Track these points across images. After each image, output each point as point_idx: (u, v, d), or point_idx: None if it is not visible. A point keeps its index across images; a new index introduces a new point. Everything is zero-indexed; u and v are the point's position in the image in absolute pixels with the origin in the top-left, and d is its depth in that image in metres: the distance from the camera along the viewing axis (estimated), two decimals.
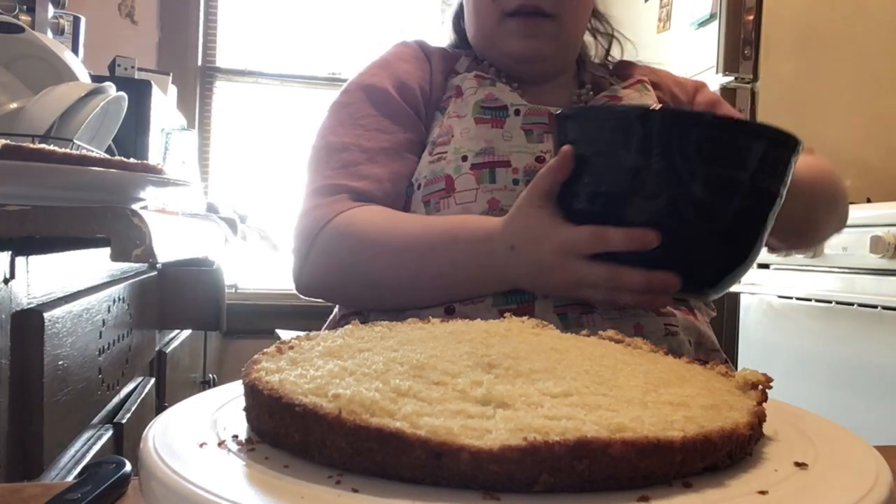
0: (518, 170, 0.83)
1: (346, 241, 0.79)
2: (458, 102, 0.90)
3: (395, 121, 0.89)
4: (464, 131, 0.86)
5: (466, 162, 0.83)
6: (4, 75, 1.09)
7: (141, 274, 1.11)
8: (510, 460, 0.26)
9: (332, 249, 0.80)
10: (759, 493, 0.27)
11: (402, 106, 0.90)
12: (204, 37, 2.84)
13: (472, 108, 0.87)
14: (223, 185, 2.86)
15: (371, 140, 0.87)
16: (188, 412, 0.35)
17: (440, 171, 0.84)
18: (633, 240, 0.61)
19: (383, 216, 0.80)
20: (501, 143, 0.84)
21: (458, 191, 0.82)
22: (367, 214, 0.80)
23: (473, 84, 0.90)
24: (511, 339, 0.41)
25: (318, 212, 0.81)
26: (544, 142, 0.85)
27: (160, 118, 1.74)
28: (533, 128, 0.87)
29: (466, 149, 0.84)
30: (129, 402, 1.07)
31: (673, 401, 0.32)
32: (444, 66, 0.96)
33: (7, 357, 0.62)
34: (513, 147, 0.84)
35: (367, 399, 0.29)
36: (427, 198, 0.84)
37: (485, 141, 0.84)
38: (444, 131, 0.87)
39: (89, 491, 0.39)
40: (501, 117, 0.87)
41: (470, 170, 0.83)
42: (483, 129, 0.85)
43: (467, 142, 0.84)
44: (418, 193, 0.85)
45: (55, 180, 0.65)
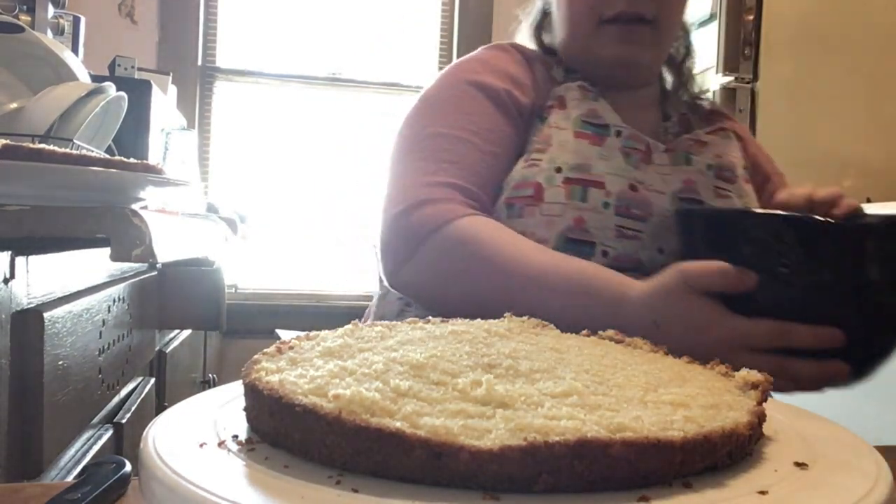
0: (611, 193, 0.81)
1: (466, 253, 0.74)
2: (560, 114, 0.88)
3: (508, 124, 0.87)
4: (562, 143, 0.84)
5: (560, 174, 0.81)
6: (4, 75, 1.09)
7: (141, 274, 1.11)
8: (510, 460, 0.26)
9: (448, 257, 0.75)
10: (759, 493, 0.27)
11: (514, 109, 0.88)
12: (204, 37, 2.84)
13: (574, 121, 0.86)
14: (223, 185, 2.86)
15: (487, 141, 0.84)
16: (188, 412, 0.35)
17: (531, 177, 0.82)
18: (821, 340, 0.59)
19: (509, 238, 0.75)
20: (598, 162, 0.82)
21: (546, 202, 0.80)
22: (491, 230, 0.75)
23: (577, 96, 0.89)
24: (511, 339, 0.41)
25: (432, 208, 0.77)
26: (640, 169, 0.84)
27: (160, 118, 1.74)
28: (631, 152, 0.85)
29: (562, 161, 0.82)
30: (129, 402, 1.07)
31: (673, 401, 0.32)
32: (545, 74, 0.94)
33: (7, 357, 0.62)
34: (609, 168, 0.82)
35: (367, 399, 0.29)
36: (512, 201, 0.82)
37: (582, 157, 0.82)
38: (543, 140, 0.85)
39: (89, 491, 0.39)
40: (602, 135, 0.85)
41: (562, 183, 0.81)
42: (582, 144, 0.84)
43: (564, 154, 0.83)
44: (504, 194, 0.83)
45: (55, 180, 0.65)
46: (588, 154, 0.83)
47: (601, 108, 0.87)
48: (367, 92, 2.96)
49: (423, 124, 0.86)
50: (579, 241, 0.79)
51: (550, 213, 0.79)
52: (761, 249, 0.62)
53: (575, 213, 0.79)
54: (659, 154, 0.88)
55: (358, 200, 2.89)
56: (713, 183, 0.87)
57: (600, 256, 0.79)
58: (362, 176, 2.90)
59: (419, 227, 0.76)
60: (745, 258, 0.61)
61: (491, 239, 0.74)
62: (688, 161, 0.88)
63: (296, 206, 2.91)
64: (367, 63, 2.94)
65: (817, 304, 0.60)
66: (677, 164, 0.88)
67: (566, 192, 0.80)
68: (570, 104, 0.88)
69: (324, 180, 2.92)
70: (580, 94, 0.89)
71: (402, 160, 0.84)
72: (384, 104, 2.97)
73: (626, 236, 0.81)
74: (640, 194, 0.82)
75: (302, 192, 2.91)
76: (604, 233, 0.80)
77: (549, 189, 0.80)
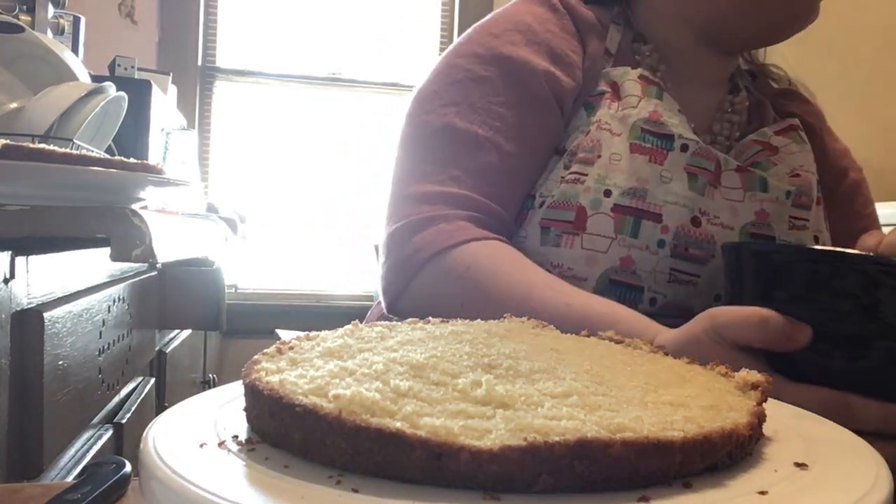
0: (668, 228, 0.67)
1: (466, 288, 0.63)
2: (613, 108, 0.72)
3: (540, 119, 0.71)
4: (614, 157, 0.69)
5: (609, 198, 0.67)
6: (4, 75, 1.09)
7: (141, 274, 1.11)
8: (510, 460, 0.26)
9: (445, 289, 0.65)
10: (759, 493, 0.27)
11: (550, 98, 0.72)
12: (204, 37, 2.84)
13: (631, 128, 0.70)
14: (223, 185, 2.86)
15: (512, 142, 0.70)
16: (188, 412, 0.35)
17: (573, 198, 0.68)
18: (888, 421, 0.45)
19: (517, 272, 0.63)
20: (657, 187, 0.68)
21: (589, 232, 0.67)
22: (497, 262, 0.63)
23: (636, 89, 0.72)
24: (511, 340, 0.41)
25: (433, 231, 0.66)
26: (706, 195, 0.70)
27: (160, 118, 1.74)
28: (699, 173, 0.70)
29: (613, 181, 0.68)
30: (129, 402, 1.07)
31: (673, 401, 0.32)
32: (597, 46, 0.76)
33: (7, 357, 0.62)
34: (669, 195, 0.68)
35: (368, 399, 0.29)
36: (548, 223, 0.68)
37: (638, 178, 0.68)
38: (590, 145, 0.70)
39: (89, 491, 0.39)
40: (664, 149, 0.69)
41: (611, 210, 0.67)
42: (639, 161, 0.69)
43: (616, 173, 0.68)
44: (539, 212, 0.69)
45: (55, 180, 0.65)
46: (646, 175, 0.68)
47: (665, 107, 0.72)
48: (367, 92, 2.96)
49: (436, 111, 0.71)
50: (625, 285, 0.67)
51: (593, 248, 0.67)
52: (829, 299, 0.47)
53: (623, 252, 0.66)
54: (729, 175, 0.73)
55: (358, 200, 2.89)
56: (789, 213, 0.73)
57: (647, 305, 0.67)
58: (362, 176, 2.90)
59: (416, 252, 0.66)
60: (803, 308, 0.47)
61: (495, 274, 0.63)
62: (764, 187, 0.73)
63: (296, 206, 2.91)
64: (367, 63, 2.95)
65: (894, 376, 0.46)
66: (752, 188, 0.73)
67: (615, 223, 0.67)
68: (626, 100, 0.72)
69: (324, 180, 2.92)
70: (641, 85, 0.73)
71: (407, 158, 0.72)
72: (384, 104, 2.97)
73: (681, 281, 0.68)
74: (703, 230, 0.69)
75: (302, 192, 2.91)
76: (654, 276, 0.67)
77: (593, 216, 0.67)
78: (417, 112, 0.73)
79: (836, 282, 0.47)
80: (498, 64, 0.71)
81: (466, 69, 0.72)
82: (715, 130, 0.80)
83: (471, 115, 0.70)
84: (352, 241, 2.88)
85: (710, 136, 0.80)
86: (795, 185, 0.75)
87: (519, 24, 0.74)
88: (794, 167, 0.76)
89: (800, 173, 0.76)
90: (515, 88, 0.71)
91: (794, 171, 0.76)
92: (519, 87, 0.71)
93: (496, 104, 0.70)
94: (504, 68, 0.71)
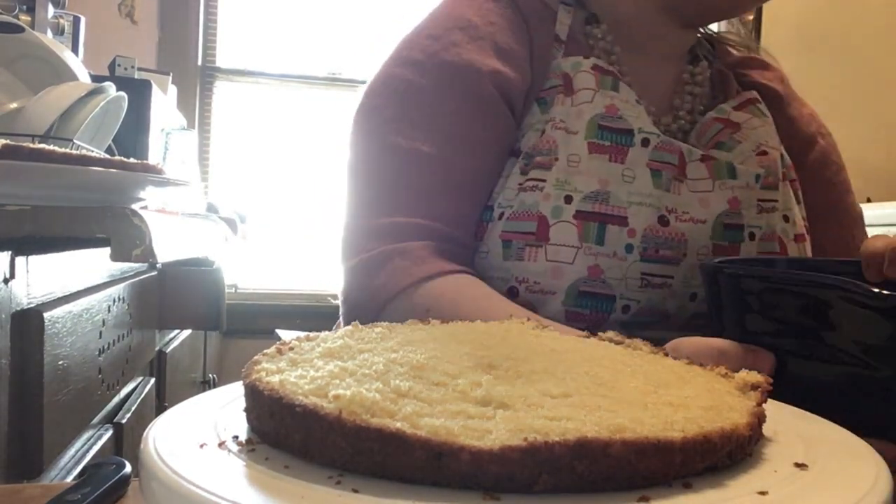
0: (635, 231, 0.65)
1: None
2: (566, 105, 0.68)
3: (489, 126, 0.68)
4: (572, 159, 0.66)
5: (570, 205, 0.64)
6: (4, 75, 1.09)
7: (141, 274, 1.11)
8: (510, 460, 0.26)
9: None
10: (759, 493, 0.27)
11: (499, 100, 0.68)
12: (204, 37, 2.84)
13: (588, 125, 0.66)
14: (223, 185, 2.86)
15: (460, 155, 0.66)
16: (189, 413, 0.35)
17: (533, 207, 0.65)
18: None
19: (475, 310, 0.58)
20: (619, 187, 0.65)
21: (552, 242, 0.64)
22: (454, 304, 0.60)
23: (591, 81, 0.68)
24: (511, 341, 0.41)
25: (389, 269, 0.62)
26: (672, 190, 0.67)
27: (160, 118, 1.74)
28: (662, 168, 0.67)
29: (573, 186, 0.65)
30: (129, 402, 1.07)
31: (673, 402, 0.32)
32: (546, 34, 0.72)
33: (7, 357, 0.62)
34: (633, 195, 0.65)
35: (368, 400, 0.29)
36: (509, 237, 0.65)
37: (598, 180, 0.65)
38: (546, 147, 0.67)
39: (89, 492, 0.39)
40: (624, 146, 0.66)
41: (573, 218, 0.64)
42: (598, 161, 0.66)
43: (575, 176, 0.65)
44: (498, 224, 0.66)
45: (55, 180, 0.65)
46: (607, 175, 0.65)
47: (621, 99, 0.68)
48: None
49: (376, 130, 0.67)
50: (595, 295, 0.64)
51: (558, 259, 0.63)
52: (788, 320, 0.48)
53: (590, 261, 0.64)
54: (695, 165, 0.69)
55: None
56: (757, 196, 0.71)
57: (620, 313, 0.65)
58: None
59: (373, 297, 0.63)
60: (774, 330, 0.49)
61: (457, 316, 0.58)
62: (732, 173, 0.70)
63: (296, 206, 2.91)
64: (367, 63, 2.95)
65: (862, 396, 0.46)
66: (720, 176, 0.70)
67: (579, 231, 0.64)
68: (580, 94, 0.68)
69: (323, 180, 2.92)
70: (595, 77, 0.69)
71: (355, 186, 0.68)
72: None
73: (653, 285, 0.65)
74: (672, 228, 0.66)
75: (302, 192, 2.91)
76: (625, 283, 0.65)
77: (556, 225, 0.64)
78: (358, 133, 0.69)
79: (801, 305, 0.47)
80: (439, 70, 0.68)
81: (406, 80, 0.68)
82: (676, 105, 0.77)
83: (413, 132, 0.66)
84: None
85: (672, 113, 0.77)
86: (763, 165, 0.72)
87: (459, 20, 0.70)
88: (758, 143, 0.73)
89: (766, 150, 0.73)
90: (459, 95, 0.67)
91: (759, 147, 0.73)
92: (463, 94, 0.67)
93: (440, 115, 0.67)
94: (446, 74, 0.67)
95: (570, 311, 0.64)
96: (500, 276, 0.66)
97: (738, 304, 0.51)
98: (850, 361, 0.45)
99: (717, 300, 0.53)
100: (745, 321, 0.50)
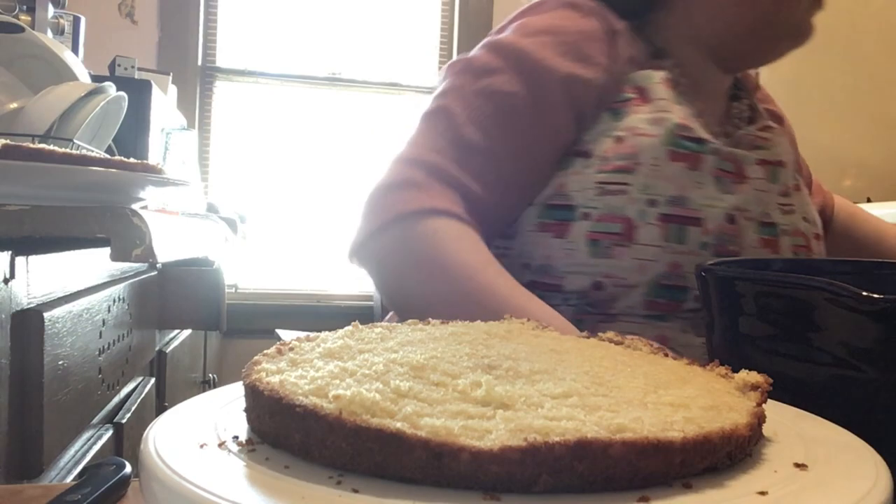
0: (709, 231, 0.71)
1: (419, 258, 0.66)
2: (644, 113, 0.73)
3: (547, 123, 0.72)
4: (654, 166, 0.71)
5: (654, 208, 0.70)
6: (4, 75, 1.09)
7: (141, 274, 1.11)
8: (510, 461, 0.26)
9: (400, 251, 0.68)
10: (759, 493, 0.27)
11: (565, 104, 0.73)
12: (204, 37, 2.84)
13: (667, 135, 0.72)
14: (223, 185, 2.86)
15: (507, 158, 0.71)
16: (189, 413, 0.35)
17: (618, 210, 0.70)
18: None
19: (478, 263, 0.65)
20: (694, 192, 0.71)
21: (638, 242, 0.69)
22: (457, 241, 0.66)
23: (665, 92, 0.75)
24: (511, 341, 0.41)
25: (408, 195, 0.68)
26: (734, 192, 0.73)
27: (160, 118, 1.74)
28: (723, 175, 0.74)
29: (657, 191, 0.70)
30: (129, 402, 1.07)
31: (673, 402, 0.32)
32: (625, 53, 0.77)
33: (7, 357, 0.62)
34: (705, 199, 0.71)
35: (368, 400, 0.29)
36: (596, 237, 0.70)
37: (679, 186, 0.71)
38: (627, 153, 0.71)
39: (89, 493, 0.39)
40: (698, 154, 0.72)
41: (657, 220, 0.69)
42: (677, 168, 0.71)
43: (658, 181, 0.70)
44: (584, 224, 0.71)
45: (55, 180, 0.65)
46: (684, 182, 0.71)
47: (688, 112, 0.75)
48: (367, 92, 2.96)
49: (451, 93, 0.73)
50: (672, 287, 0.70)
51: (643, 258, 0.69)
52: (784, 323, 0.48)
53: (670, 258, 0.69)
54: (751, 167, 0.77)
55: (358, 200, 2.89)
56: (776, 200, 0.79)
57: (692, 303, 0.70)
58: (362, 176, 2.90)
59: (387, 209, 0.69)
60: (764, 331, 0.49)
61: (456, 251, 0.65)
62: (774, 177, 0.79)
63: (296, 206, 2.91)
64: (367, 63, 2.95)
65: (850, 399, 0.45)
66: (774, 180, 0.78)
67: (662, 233, 0.69)
68: (656, 101, 0.74)
69: (323, 180, 2.92)
70: (667, 89, 0.75)
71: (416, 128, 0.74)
72: (384, 104, 2.97)
73: None
74: (737, 227, 0.73)
75: (302, 192, 2.91)
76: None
77: (642, 227, 0.69)
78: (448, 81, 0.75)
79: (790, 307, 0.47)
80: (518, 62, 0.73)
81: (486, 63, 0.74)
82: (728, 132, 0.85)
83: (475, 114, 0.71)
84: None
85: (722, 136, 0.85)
86: (793, 173, 0.82)
87: (552, 27, 0.76)
88: (780, 157, 0.82)
89: (784, 161, 0.82)
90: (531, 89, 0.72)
91: (785, 158, 0.82)
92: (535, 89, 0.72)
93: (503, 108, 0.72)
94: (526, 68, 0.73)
95: (648, 301, 0.70)
96: (587, 271, 0.71)
97: (731, 305, 0.52)
98: (837, 364, 0.45)
99: (710, 302, 0.54)
100: (738, 323, 0.51)
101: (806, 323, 0.46)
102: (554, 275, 0.72)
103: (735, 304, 0.51)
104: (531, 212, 0.74)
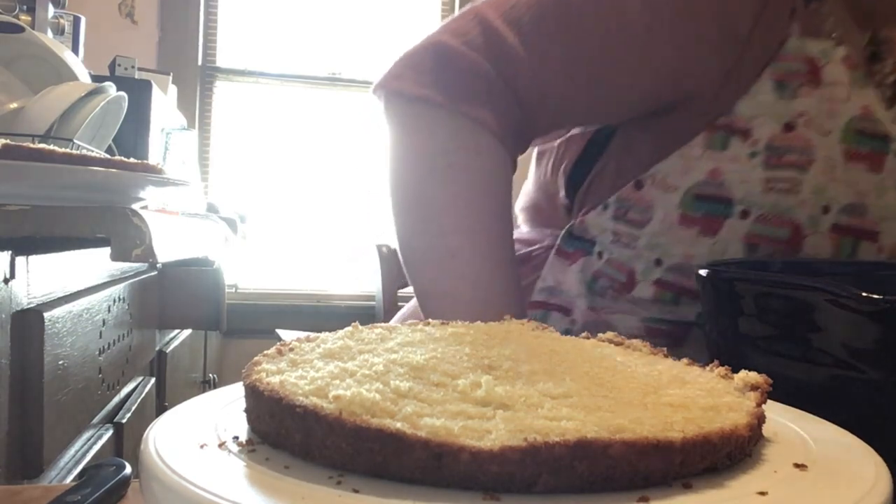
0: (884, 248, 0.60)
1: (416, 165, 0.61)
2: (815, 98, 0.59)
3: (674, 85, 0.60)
4: (829, 163, 0.59)
5: (827, 216, 0.59)
6: (4, 75, 1.09)
7: (141, 274, 1.11)
8: (510, 461, 0.26)
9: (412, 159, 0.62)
10: (759, 493, 0.27)
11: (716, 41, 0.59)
12: (204, 37, 2.84)
13: (844, 128, 0.59)
14: (223, 185, 2.86)
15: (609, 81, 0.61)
16: (189, 413, 0.35)
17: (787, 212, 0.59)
18: None
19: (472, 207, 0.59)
20: (875, 200, 0.59)
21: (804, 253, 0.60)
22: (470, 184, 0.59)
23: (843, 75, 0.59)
24: (511, 341, 0.41)
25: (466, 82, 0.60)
26: None
27: (160, 118, 1.74)
28: None
29: (830, 195, 0.59)
30: (129, 402, 1.07)
31: (672, 402, 0.32)
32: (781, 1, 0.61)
33: (7, 357, 0.62)
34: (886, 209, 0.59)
35: (368, 400, 0.29)
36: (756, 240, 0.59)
37: (857, 192, 0.59)
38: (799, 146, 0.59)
39: (89, 493, 0.39)
40: (881, 153, 0.59)
41: (829, 231, 0.59)
42: (856, 170, 0.59)
43: (833, 184, 0.59)
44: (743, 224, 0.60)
45: (55, 180, 0.65)
46: (864, 187, 0.59)
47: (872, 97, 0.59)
48: (367, 92, 2.96)
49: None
50: None
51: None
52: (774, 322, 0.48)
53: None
54: None
55: (358, 200, 2.89)
56: None
57: None
58: (362, 176, 2.90)
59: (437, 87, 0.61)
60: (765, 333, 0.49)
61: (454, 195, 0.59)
62: None
63: (296, 206, 2.91)
64: (367, 63, 2.95)
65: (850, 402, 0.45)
66: None
67: (833, 246, 0.59)
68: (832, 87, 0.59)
69: (324, 180, 2.92)
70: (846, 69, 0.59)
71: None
72: None
73: None
74: None
75: (302, 192, 2.91)
76: None
77: (811, 237, 0.59)
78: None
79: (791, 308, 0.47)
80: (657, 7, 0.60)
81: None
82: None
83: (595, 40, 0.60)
84: (352, 241, 2.88)
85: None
86: None
87: None
88: None
89: None
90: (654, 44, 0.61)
91: None
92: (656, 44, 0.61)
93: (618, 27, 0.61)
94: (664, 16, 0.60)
95: None
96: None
97: (731, 306, 0.52)
98: (837, 364, 0.45)
99: (712, 304, 0.54)
100: (738, 323, 0.51)
101: (806, 324, 0.46)
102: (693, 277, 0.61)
103: (735, 304, 0.51)
104: (670, 198, 0.62)
